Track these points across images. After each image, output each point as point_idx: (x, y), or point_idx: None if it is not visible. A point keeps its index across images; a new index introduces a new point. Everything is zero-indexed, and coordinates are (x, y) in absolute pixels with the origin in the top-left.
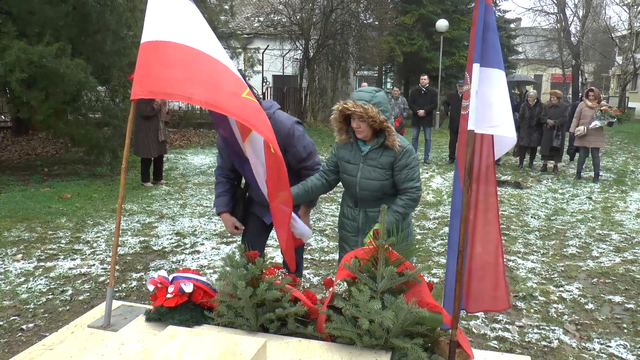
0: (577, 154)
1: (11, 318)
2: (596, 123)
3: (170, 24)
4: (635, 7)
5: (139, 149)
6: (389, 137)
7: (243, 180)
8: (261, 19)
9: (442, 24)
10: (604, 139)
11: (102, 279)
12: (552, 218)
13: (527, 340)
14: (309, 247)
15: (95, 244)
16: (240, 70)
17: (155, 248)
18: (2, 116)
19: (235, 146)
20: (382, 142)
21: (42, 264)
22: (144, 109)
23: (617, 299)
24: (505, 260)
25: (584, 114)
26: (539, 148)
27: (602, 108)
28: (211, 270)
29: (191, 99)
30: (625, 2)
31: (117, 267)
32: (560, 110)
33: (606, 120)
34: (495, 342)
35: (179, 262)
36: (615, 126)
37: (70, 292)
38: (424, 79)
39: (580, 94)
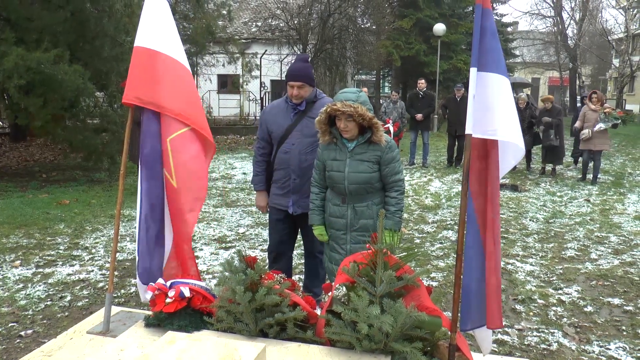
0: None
1: (10, 325)
2: (601, 125)
3: (163, 34)
4: (632, 10)
5: (133, 155)
6: (376, 132)
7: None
8: (259, 24)
9: (439, 28)
10: (609, 142)
11: (100, 284)
12: (550, 221)
13: (526, 343)
14: None
15: (93, 250)
16: None
17: None
18: (0, 122)
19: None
20: (368, 137)
21: (41, 270)
22: (137, 115)
23: (616, 301)
24: (504, 263)
25: (587, 117)
26: (535, 150)
27: (605, 110)
28: (210, 276)
29: (180, 114)
30: (622, 5)
31: (115, 273)
32: (554, 114)
33: (610, 123)
34: (495, 345)
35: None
36: (613, 129)
37: (69, 298)
38: (422, 83)
39: (578, 97)
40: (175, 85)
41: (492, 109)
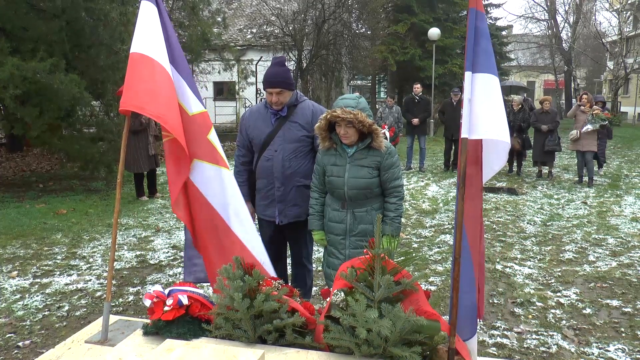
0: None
1: (7, 335)
2: (588, 127)
3: (157, 41)
4: (625, 12)
5: (128, 164)
6: (376, 138)
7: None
8: (254, 30)
9: (434, 32)
10: (596, 143)
11: (98, 294)
12: (548, 224)
13: (525, 346)
14: None
15: (91, 259)
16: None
17: (151, 262)
18: None
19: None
20: (368, 143)
21: (38, 280)
22: (132, 123)
23: (615, 303)
24: (502, 266)
25: (577, 118)
26: (529, 153)
27: (594, 112)
28: (208, 283)
29: (166, 123)
30: (615, 8)
31: (113, 282)
32: (552, 116)
33: (597, 124)
34: (494, 348)
35: (176, 275)
36: (602, 129)
37: (66, 307)
38: (417, 88)
39: (573, 100)
40: (163, 91)
41: (489, 108)
